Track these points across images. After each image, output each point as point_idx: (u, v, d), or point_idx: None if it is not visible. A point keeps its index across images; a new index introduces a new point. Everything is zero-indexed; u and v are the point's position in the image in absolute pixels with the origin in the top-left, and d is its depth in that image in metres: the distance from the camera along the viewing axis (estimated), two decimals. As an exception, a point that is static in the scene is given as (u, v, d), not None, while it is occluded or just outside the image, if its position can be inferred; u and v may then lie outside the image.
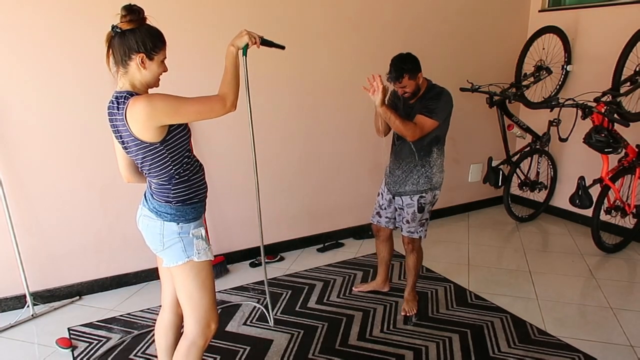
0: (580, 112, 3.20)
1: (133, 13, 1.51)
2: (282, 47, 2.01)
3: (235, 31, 1.71)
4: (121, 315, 2.73)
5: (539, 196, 4.30)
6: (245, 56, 1.94)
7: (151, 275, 3.11)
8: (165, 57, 1.60)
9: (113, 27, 1.53)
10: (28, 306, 2.74)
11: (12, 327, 2.62)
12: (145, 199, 1.70)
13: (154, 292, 2.98)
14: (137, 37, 1.51)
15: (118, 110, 1.53)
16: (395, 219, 2.69)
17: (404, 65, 2.32)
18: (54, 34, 2.58)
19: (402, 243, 2.68)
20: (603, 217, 3.44)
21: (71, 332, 2.57)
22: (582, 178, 3.31)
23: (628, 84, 3.34)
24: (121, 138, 1.60)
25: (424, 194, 2.50)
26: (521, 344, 2.42)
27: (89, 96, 2.72)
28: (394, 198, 2.62)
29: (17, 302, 2.80)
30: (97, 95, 2.71)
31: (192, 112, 1.56)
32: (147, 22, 1.55)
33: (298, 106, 3.40)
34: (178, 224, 1.64)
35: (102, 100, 2.72)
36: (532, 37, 3.97)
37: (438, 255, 3.52)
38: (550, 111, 3.41)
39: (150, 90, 1.63)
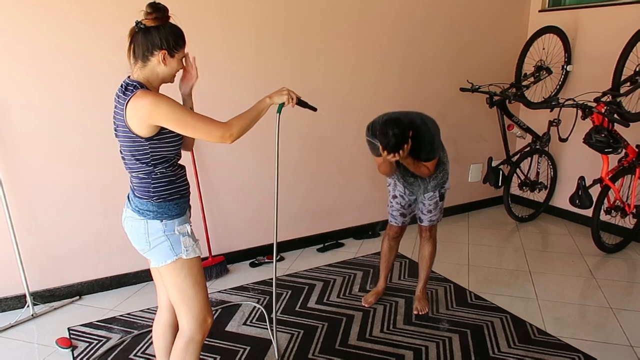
0: (580, 112, 3.20)
1: (159, 11, 1.54)
2: (315, 109, 1.99)
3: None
4: (121, 315, 2.73)
5: (539, 196, 4.30)
6: (279, 114, 1.93)
7: (151, 275, 3.11)
8: (184, 56, 1.64)
9: (137, 22, 1.54)
10: (28, 306, 2.74)
11: (12, 327, 2.62)
12: (129, 199, 1.70)
13: (154, 292, 2.95)
14: (161, 35, 1.54)
15: (124, 94, 1.54)
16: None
17: (405, 131, 2.11)
18: (54, 35, 2.57)
19: (420, 233, 2.71)
20: (603, 217, 3.44)
21: (71, 332, 2.57)
22: (582, 178, 3.31)
23: (628, 84, 3.34)
24: (115, 122, 1.62)
25: (444, 185, 2.58)
26: (521, 344, 2.42)
27: (89, 96, 2.72)
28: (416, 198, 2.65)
29: (17, 302, 2.80)
30: (97, 95, 2.72)
31: (191, 126, 1.56)
32: (171, 20, 1.58)
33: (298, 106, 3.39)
34: (162, 221, 1.63)
35: (102, 100, 2.74)
36: (532, 37, 3.97)
37: (438, 255, 3.49)
38: (550, 111, 3.41)
39: (163, 87, 1.65)
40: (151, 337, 2.47)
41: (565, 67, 3.93)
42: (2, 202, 2.60)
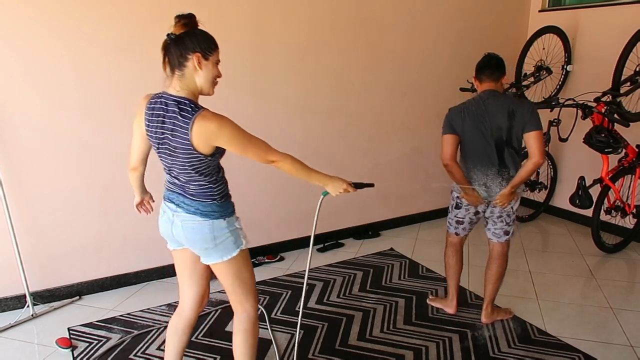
0: (580, 112, 3.20)
1: (185, 17, 1.57)
2: (372, 185, 2.12)
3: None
4: (121, 315, 2.73)
5: (539, 196, 4.30)
6: (323, 197, 2.07)
7: (151, 275, 3.11)
8: (219, 61, 1.65)
9: (168, 34, 1.57)
10: (28, 306, 2.74)
11: (12, 327, 2.62)
12: (176, 204, 1.71)
13: (154, 292, 2.98)
14: (192, 38, 1.56)
15: (182, 113, 1.54)
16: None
17: None
18: (54, 37, 2.58)
19: (463, 243, 2.83)
20: (603, 217, 3.44)
21: (71, 332, 2.57)
22: (582, 178, 3.31)
23: (628, 84, 3.34)
24: (163, 137, 1.60)
25: None
26: (521, 344, 2.43)
27: (89, 96, 2.72)
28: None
29: (17, 302, 2.80)
30: (97, 96, 2.72)
31: (249, 151, 1.64)
32: (199, 27, 1.60)
33: (298, 106, 3.40)
34: (225, 219, 1.73)
35: (102, 100, 2.74)
36: (532, 37, 3.97)
37: (438, 255, 3.51)
38: (551, 111, 3.41)
39: (202, 98, 1.66)
40: (151, 337, 2.48)
41: (565, 67, 3.93)
42: (2, 203, 2.60)
